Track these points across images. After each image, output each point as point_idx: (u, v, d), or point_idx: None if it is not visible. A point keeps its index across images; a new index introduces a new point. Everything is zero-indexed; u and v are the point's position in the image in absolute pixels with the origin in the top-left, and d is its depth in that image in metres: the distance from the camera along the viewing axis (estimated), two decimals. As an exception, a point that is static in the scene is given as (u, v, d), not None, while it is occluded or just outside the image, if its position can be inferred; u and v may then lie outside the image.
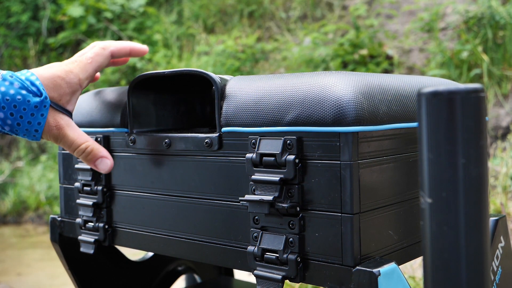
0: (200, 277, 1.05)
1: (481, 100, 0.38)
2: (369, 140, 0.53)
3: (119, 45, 0.72)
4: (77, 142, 0.66)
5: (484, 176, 0.38)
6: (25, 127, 0.64)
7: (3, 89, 0.62)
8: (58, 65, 0.67)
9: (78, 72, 0.67)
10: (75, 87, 0.67)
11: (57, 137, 0.65)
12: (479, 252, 0.38)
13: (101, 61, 0.70)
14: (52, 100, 0.65)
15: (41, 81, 0.64)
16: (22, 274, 2.76)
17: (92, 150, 0.66)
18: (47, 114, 0.64)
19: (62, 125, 0.65)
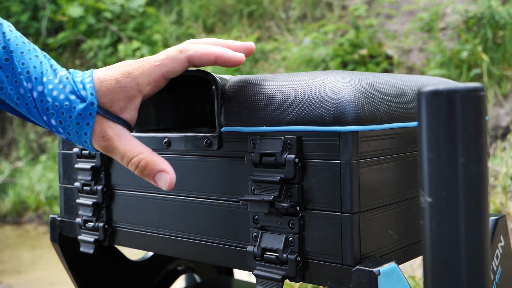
0: (200, 277, 1.05)
1: (481, 99, 0.38)
2: (369, 139, 0.53)
3: (201, 51, 0.57)
4: (128, 155, 0.56)
5: (484, 175, 0.38)
6: (75, 136, 0.57)
7: (55, 93, 0.56)
8: (121, 65, 0.58)
9: (138, 75, 0.56)
10: (131, 93, 0.56)
11: (106, 149, 0.57)
12: (479, 251, 0.38)
13: (173, 66, 0.57)
14: (102, 106, 0.56)
15: (95, 83, 0.56)
16: (22, 274, 2.76)
17: (147, 164, 0.56)
18: (93, 123, 0.56)
19: (111, 135, 0.56)
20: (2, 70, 0.56)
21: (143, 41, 4.74)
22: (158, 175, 0.56)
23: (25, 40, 0.58)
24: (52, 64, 0.58)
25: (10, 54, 0.56)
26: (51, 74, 0.57)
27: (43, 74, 0.57)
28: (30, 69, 0.56)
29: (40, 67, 0.57)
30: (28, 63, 0.56)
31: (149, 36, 4.77)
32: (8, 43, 0.56)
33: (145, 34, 4.83)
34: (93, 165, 0.74)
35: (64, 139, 0.60)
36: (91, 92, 0.56)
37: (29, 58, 0.57)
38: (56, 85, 0.56)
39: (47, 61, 0.58)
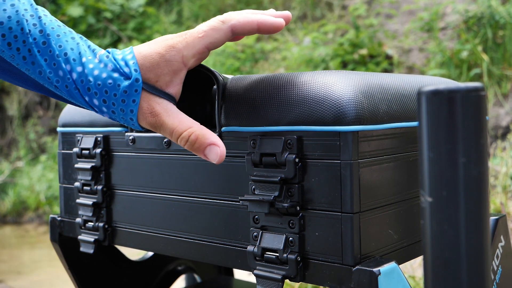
0: (200, 277, 1.05)
1: (482, 99, 0.37)
2: (369, 139, 0.53)
3: (243, 19, 0.56)
4: (178, 130, 0.55)
5: (485, 175, 0.38)
6: (120, 115, 0.56)
7: (96, 72, 0.55)
8: (163, 40, 0.57)
9: (182, 48, 0.56)
10: (176, 66, 0.56)
11: (155, 126, 0.56)
12: (479, 251, 0.38)
13: (216, 37, 0.56)
14: (147, 82, 0.55)
15: (137, 59, 0.56)
16: (22, 274, 2.76)
17: (197, 137, 0.55)
18: (139, 100, 0.55)
19: (158, 111, 0.55)
20: (40, 53, 0.55)
21: (143, 41, 4.74)
22: (208, 148, 0.55)
23: (60, 24, 0.58)
24: (90, 45, 0.58)
25: (47, 37, 0.56)
26: (90, 54, 0.56)
27: (81, 55, 0.56)
28: (68, 51, 0.56)
29: (77, 48, 0.56)
30: (65, 45, 0.56)
31: (149, 36, 4.77)
32: (44, 27, 0.56)
33: (145, 34, 4.83)
34: (93, 165, 0.74)
35: (108, 118, 0.58)
36: (134, 69, 0.55)
37: (66, 40, 0.56)
38: (97, 64, 0.56)
39: (84, 43, 0.57)
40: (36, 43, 0.55)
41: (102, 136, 0.74)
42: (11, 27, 0.55)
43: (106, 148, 0.74)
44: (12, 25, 0.55)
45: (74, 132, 0.79)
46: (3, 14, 0.55)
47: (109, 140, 0.74)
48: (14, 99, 5.43)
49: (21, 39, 0.55)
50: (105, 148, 0.74)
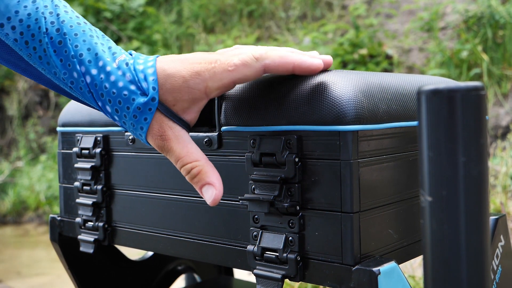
0: (200, 277, 1.05)
1: (482, 98, 0.37)
2: (369, 138, 0.53)
3: (278, 60, 0.53)
4: (184, 160, 0.53)
5: (485, 174, 0.38)
6: (130, 127, 0.54)
7: (112, 78, 0.52)
8: (190, 62, 0.53)
9: (208, 78, 0.52)
10: (198, 95, 0.53)
11: (162, 148, 0.54)
12: (479, 251, 0.38)
13: (246, 74, 0.53)
14: (164, 103, 0.52)
15: (158, 76, 0.52)
16: (22, 273, 2.76)
17: (199, 172, 0.53)
18: (151, 120, 0.52)
19: (169, 136, 0.53)
20: (56, 54, 0.53)
21: (143, 41, 4.74)
22: (206, 187, 0.54)
23: (81, 21, 0.55)
24: (111, 47, 0.55)
25: (63, 36, 0.53)
26: (108, 56, 0.53)
27: (98, 57, 0.53)
28: (84, 52, 0.53)
29: (94, 49, 0.54)
30: (81, 45, 0.53)
31: (149, 36, 4.77)
32: (62, 25, 0.53)
33: (145, 34, 4.83)
34: (93, 164, 0.74)
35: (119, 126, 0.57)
36: (153, 86, 0.52)
37: (83, 40, 0.54)
38: (115, 70, 0.53)
39: (105, 43, 0.55)
40: (52, 42, 0.53)
41: (101, 135, 0.74)
42: (29, 25, 0.53)
43: (106, 147, 0.74)
44: (30, 23, 0.53)
45: (73, 132, 0.79)
46: (24, 11, 0.53)
47: (109, 139, 0.74)
48: (14, 99, 5.43)
49: (37, 38, 0.53)
50: (105, 147, 0.74)
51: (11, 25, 0.53)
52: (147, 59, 0.54)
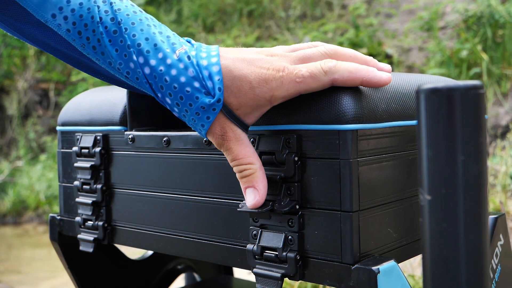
0: (199, 276, 1.05)
1: (481, 97, 0.37)
2: (368, 138, 0.53)
3: (347, 75, 0.51)
4: (240, 161, 0.53)
5: (484, 173, 0.38)
6: (190, 121, 0.53)
7: (174, 72, 0.51)
8: (257, 65, 0.52)
9: (275, 88, 0.51)
10: (262, 102, 0.52)
11: (220, 146, 0.54)
12: (478, 249, 0.38)
13: (313, 87, 0.52)
14: (228, 105, 0.52)
15: (223, 76, 0.51)
16: (22, 273, 2.76)
17: (250, 175, 0.54)
18: (214, 119, 0.52)
19: (230, 137, 0.53)
20: (111, 43, 0.52)
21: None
22: (251, 190, 0.54)
23: (137, 9, 0.54)
24: (169, 36, 0.53)
25: (118, 25, 0.52)
26: (168, 47, 0.52)
27: (157, 48, 0.52)
28: (142, 41, 0.52)
29: (153, 38, 0.52)
30: (139, 34, 0.52)
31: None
32: (116, 14, 0.52)
33: (145, 34, 4.82)
34: (93, 164, 0.74)
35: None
36: (219, 87, 0.51)
37: (141, 29, 0.52)
38: (176, 62, 0.51)
39: (163, 31, 0.53)
40: (107, 32, 0.52)
41: (101, 135, 0.74)
42: (81, 14, 0.52)
43: (106, 147, 0.74)
44: (83, 12, 0.52)
45: (73, 131, 0.79)
46: (75, 0, 0.52)
47: (109, 139, 0.74)
48: (14, 99, 5.43)
49: (91, 28, 0.52)
50: (105, 147, 0.74)
51: (63, 15, 0.52)
52: (209, 53, 0.52)
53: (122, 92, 0.74)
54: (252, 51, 0.54)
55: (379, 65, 0.55)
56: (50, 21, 0.53)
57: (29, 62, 5.47)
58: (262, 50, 0.54)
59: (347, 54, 0.55)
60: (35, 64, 5.45)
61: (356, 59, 0.54)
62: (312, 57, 0.54)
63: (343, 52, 0.55)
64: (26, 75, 5.45)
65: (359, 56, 0.55)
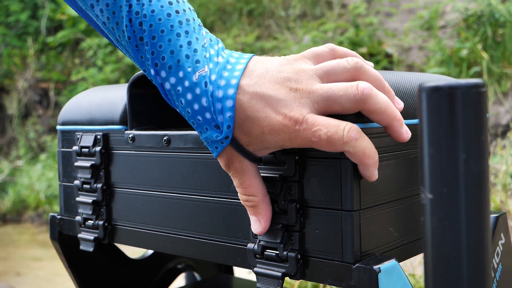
0: (200, 275, 1.05)
1: (482, 95, 0.37)
2: (369, 136, 0.53)
3: (357, 156, 0.48)
4: (243, 190, 0.53)
5: (485, 171, 0.38)
6: (203, 141, 0.53)
7: (189, 97, 0.50)
8: (274, 107, 0.48)
9: (287, 139, 0.49)
10: (271, 146, 0.51)
11: (228, 171, 0.53)
12: (480, 248, 0.38)
13: (324, 149, 0.49)
14: (238, 140, 0.50)
15: (236, 114, 0.49)
16: (22, 273, 2.76)
17: (252, 206, 0.54)
18: (221, 150, 0.51)
19: (236, 168, 0.52)
20: (137, 49, 0.51)
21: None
22: (254, 218, 0.54)
23: (173, 10, 0.50)
24: (197, 50, 0.50)
25: (143, 33, 0.50)
26: (190, 65, 0.50)
27: (179, 66, 0.50)
28: (166, 55, 0.50)
29: (178, 53, 0.50)
30: (166, 46, 0.50)
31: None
32: (144, 19, 0.50)
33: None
34: (93, 163, 0.74)
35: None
36: (228, 125, 0.49)
37: (169, 39, 0.50)
38: (193, 86, 0.49)
39: (193, 42, 0.50)
40: (135, 36, 0.50)
41: (101, 134, 0.74)
42: (114, 11, 0.51)
43: (106, 146, 0.74)
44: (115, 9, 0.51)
45: (73, 130, 0.79)
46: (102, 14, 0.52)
47: (109, 138, 0.74)
48: (14, 98, 5.43)
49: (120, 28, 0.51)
50: (105, 146, 0.74)
51: (99, 7, 0.52)
52: (230, 80, 0.49)
53: (122, 91, 0.74)
54: (277, 70, 0.49)
55: (401, 131, 0.51)
56: (89, 10, 0.53)
57: (29, 61, 5.47)
58: (287, 63, 0.50)
59: (372, 77, 0.50)
60: (35, 63, 5.45)
61: (385, 113, 0.49)
62: (336, 72, 0.49)
63: (368, 73, 0.50)
64: (26, 75, 5.45)
65: (389, 110, 0.49)
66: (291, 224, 0.55)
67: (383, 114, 0.49)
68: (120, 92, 0.75)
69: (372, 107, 0.48)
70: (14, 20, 5.53)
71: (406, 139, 0.51)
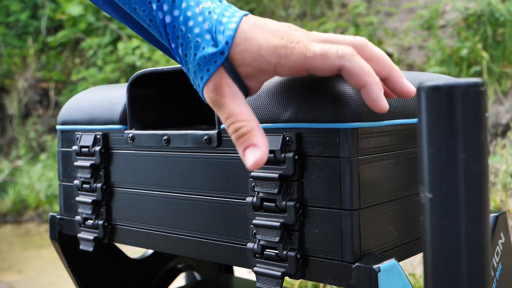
0: (200, 275, 1.05)
1: (482, 95, 0.37)
2: (369, 136, 0.53)
3: (356, 71, 0.48)
4: (235, 117, 0.51)
5: (485, 170, 0.38)
6: (191, 75, 0.52)
7: (191, 24, 0.51)
8: (272, 32, 0.50)
9: (283, 55, 0.49)
10: (266, 67, 0.50)
11: (214, 103, 0.51)
12: (479, 247, 0.38)
13: (322, 67, 0.49)
14: (231, 61, 0.50)
15: (236, 34, 0.50)
16: (22, 272, 2.76)
17: (246, 132, 0.50)
18: (213, 72, 0.50)
19: (225, 92, 0.51)
20: None
21: (142, 40, 4.73)
22: (250, 149, 0.50)
23: None
24: None
25: None
26: (193, 0, 0.52)
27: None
28: None
29: None
30: None
31: (148, 35, 4.75)
32: None
33: (145, 33, 4.82)
34: (93, 162, 0.74)
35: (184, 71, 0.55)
36: (226, 41, 0.50)
37: None
38: (196, 15, 0.51)
39: None
40: None
41: (101, 133, 0.74)
42: None
43: (106, 145, 0.74)
44: None
45: (73, 130, 0.79)
46: None
47: (108, 137, 0.74)
48: (14, 98, 5.43)
49: None
50: (104, 145, 0.74)
51: None
52: (233, 15, 0.51)
53: (122, 91, 0.74)
54: (279, 23, 0.52)
55: (403, 81, 0.51)
56: None
57: (29, 61, 5.47)
58: (290, 25, 0.52)
59: (375, 52, 0.51)
60: (35, 63, 5.45)
61: (382, 62, 0.51)
62: (336, 41, 0.51)
63: (372, 48, 0.51)
64: (26, 75, 5.45)
65: (386, 60, 0.51)
66: (290, 224, 0.55)
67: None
68: (120, 91, 0.75)
69: (368, 54, 0.50)
70: (14, 20, 5.53)
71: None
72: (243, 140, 0.50)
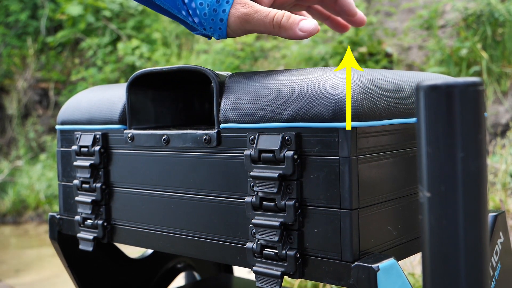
0: (199, 275, 1.05)
1: (480, 94, 0.37)
2: (368, 135, 0.53)
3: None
4: (273, 12, 0.57)
5: (483, 170, 0.38)
6: (211, 16, 0.58)
7: None
8: None
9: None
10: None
11: (248, 14, 0.57)
12: (478, 246, 0.38)
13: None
14: None
15: None
16: (22, 273, 2.76)
17: (290, 16, 0.57)
18: (230, 9, 0.57)
19: (251, 3, 0.58)
20: None
21: (142, 40, 4.73)
22: (302, 22, 0.57)
23: None
24: None
25: None
26: None
27: None
28: None
29: None
30: None
31: (148, 35, 4.76)
32: None
33: (145, 33, 4.82)
34: (92, 162, 0.74)
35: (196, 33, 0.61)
36: None
37: None
38: None
39: None
40: None
41: (100, 133, 0.74)
42: None
43: (105, 145, 0.74)
44: None
45: (72, 130, 0.79)
46: None
47: (108, 137, 0.74)
48: (14, 98, 5.43)
49: None
50: (104, 145, 0.74)
51: None
52: None
53: (121, 90, 0.74)
54: None
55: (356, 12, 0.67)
56: None
57: (29, 61, 5.46)
58: None
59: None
60: (34, 63, 5.45)
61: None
62: None
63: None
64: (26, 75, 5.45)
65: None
66: (290, 223, 0.55)
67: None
68: (119, 91, 0.75)
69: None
70: (14, 20, 5.53)
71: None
72: (292, 21, 0.57)
